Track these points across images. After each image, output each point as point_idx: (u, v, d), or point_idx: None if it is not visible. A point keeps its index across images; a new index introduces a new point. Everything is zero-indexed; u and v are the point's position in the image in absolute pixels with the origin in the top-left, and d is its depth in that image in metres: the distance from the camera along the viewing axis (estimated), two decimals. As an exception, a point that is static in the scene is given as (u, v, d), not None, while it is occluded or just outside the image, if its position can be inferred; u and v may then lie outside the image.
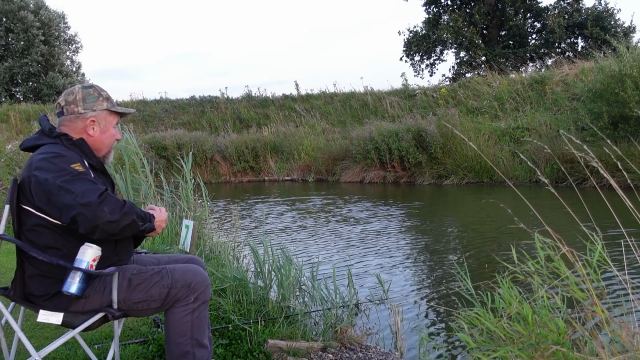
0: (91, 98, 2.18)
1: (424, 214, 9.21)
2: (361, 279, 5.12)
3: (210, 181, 16.37)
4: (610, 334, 1.61)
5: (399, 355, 3.26)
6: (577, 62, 16.66)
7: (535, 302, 1.92)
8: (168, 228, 5.28)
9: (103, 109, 2.18)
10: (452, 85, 18.42)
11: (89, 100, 2.17)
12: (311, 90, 21.09)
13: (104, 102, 2.19)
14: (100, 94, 2.19)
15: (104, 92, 2.21)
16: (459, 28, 22.20)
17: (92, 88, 2.21)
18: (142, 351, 2.82)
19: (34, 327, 3.24)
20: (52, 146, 2.06)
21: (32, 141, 2.13)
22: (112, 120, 2.22)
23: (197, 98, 22.11)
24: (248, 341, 2.96)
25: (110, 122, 2.21)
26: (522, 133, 13.32)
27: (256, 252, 3.83)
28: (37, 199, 1.97)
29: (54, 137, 2.10)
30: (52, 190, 1.90)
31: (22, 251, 2.05)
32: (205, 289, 2.18)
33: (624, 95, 10.52)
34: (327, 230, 7.71)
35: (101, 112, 2.18)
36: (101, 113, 2.18)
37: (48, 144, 2.08)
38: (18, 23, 27.44)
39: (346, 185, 14.09)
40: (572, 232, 2.01)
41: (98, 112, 2.17)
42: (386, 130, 13.92)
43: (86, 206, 1.85)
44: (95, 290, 2.06)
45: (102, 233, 1.89)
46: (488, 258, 5.54)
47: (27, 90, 28.86)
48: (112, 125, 2.22)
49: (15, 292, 2.06)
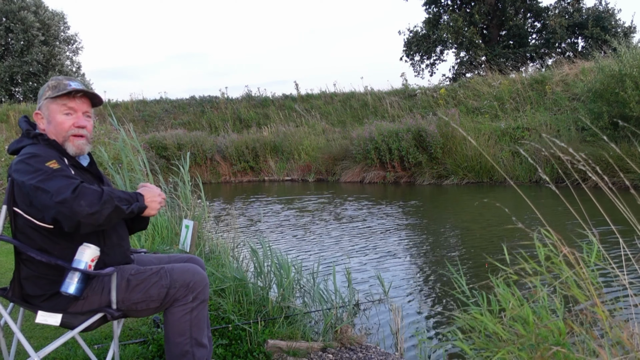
0: (41, 91, 2.14)
1: (424, 214, 9.21)
2: (361, 279, 5.11)
3: (210, 181, 16.36)
4: (611, 334, 1.61)
5: (398, 355, 3.26)
6: (578, 62, 16.66)
7: (535, 303, 1.92)
8: (168, 228, 5.28)
9: (45, 99, 2.10)
10: (452, 85, 18.42)
11: (40, 94, 2.14)
12: (311, 90, 21.13)
13: (47, 92, 2.10)
14: (48, 85, 2.12)
15: (53, 82, 2.11)
16: (459, 28, 22.20)
17: (50, 80, 2.14)
18: (141, 351, 2.82)
19: (33, 328, 3.23)
20: (30, 147, 2.04)
21: (15, 144, 2.11)
22: (57, 108, 2.08)
23: (197, 98, 22.11)
24: (248, 341, 2.96)
25: (55, 110, 2.08)
26: (522, 133, 13.32)
27: (256, 252, 3.83)
28: (19, 201, 1.97)
29: (32, 137, 2.08)
30: (30, 192, 1.88)
31: (18, 252, 2.04)
32: (204, 289, 2.18)
33: (624, 95, 10.52)
34: (327, 230, 7.71)
35: (44, 103, 2.10)
36: (44, 104, 2.10)
37: (28, 145, 2.06)
38: (18, 23, 27.43)
39: (346, 185, 14.08)
40: (573, 232, 2.01)
41: (41, 103, 2.11)
42: (386, 130, 13.92)
43: (62, 204, 1.79)
44: (94, 291, 2.05)
45: (86, 227, 1.84)
46: (488, 258, 5.54)
47: (27, 90, 28.86)
48: (60, 112, 2.08)
49: (14, 293, 2.06)
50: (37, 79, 28.34)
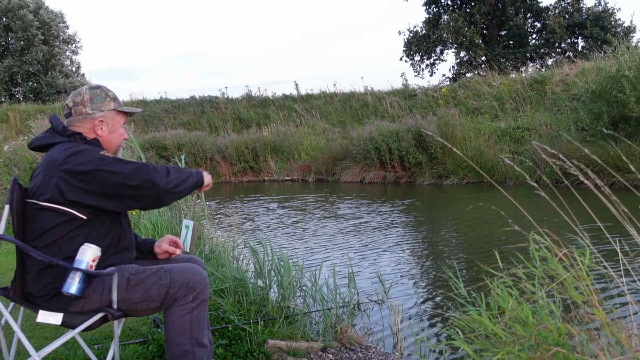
0: (98, 99, 2.21)
1: (424, 214, 9.22)
2: (361, 278, 5.12)
3: (210, 181, 16.36)
4: (610, 335, 1.62)
5: (399, 356, 3.26)
6: (578, 62, 16.66)
7: (534, 304, 1.92)
8: (168, 228, 5.28)
9: (110, 109, 2.22)
10: (452, 85, 18.42)
11: (96, 100, 2.20)
12: (311, 90, 21.08)
13: (111, 103, 2.22)
14: (107, 95, 2.23)
15: (110, 93, 2.25)
16: (459, 28, 22.20)
17: (99, 89, 2.23)
18: (142, 351, 2.82)
19: (33, 327, 3.24)
20: (69, 144, 2.07)
21: (44, 140, 2.13)
22: (119, 120, 2.25)
23: (197, 98, 22.10)
24: (248, 341, 2.96)
25: (117, 122, 2.24)
26: (522, 133, 13.32)
27: (256, 252, 3.83)
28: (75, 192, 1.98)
29: (68, 135, 2.12)
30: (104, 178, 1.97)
31: (22, 251, 2.05)
32: (204, 288, 2.18)
33: (622, 97, 10.52)
34: (327, 230, 7.71)
35: (109, 112, 2.21)
36: (109, 113, 2.21)
37: (63, 142, 2.08)
38: (17, 22, 27.41)
39: (346, 185, 14.09)
40: (573, 232, 2.01)
41: (106, 112, 2.20)
42: (386, 130, 13.92)
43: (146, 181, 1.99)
44: (95, 291, 2.06)
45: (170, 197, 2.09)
46: (488, 258, 5.54)
47: (27, 90, 28.84)
48: (120, 125, 2.26)
49: (15, 292, 2.07)
50: (37, 78, 28.33)
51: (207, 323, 2.27)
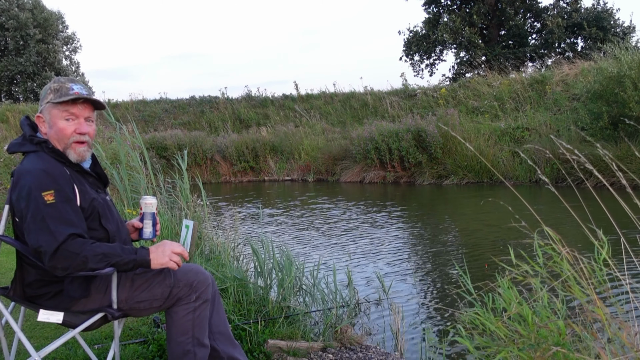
0: (43, 93, 2.08)
1: (424, 214, 9.22)
2: (361, 278, 5.11)
3: (210, 181, 16.37)
4: (611, 334, 1.61)
5: (399, 356, 3.26)
6: (577, 62, 16.66)
7: (536, 303, 1.92)
8: (168, 228, 5.27)
9: (46, 103, 2.04)
10: (452, 85, 18.42)
11: (42, 96, 2.08)
12: (311, 90, 21.08)
13: (49, 95, 2.03)
14: (50, 87, 2.05)
15: (55, 84, 2.05)
16: (457, 28, 22.20)
17: (52, 82, 2.08)
18: (142, 351, 2.82)
19: (33, 327, 3.24)
20: (34, 158, 2.00)
21: (16, 146, 2.08)
22: (58, 113, 2.02)
23: (197, 98, 22.10)
24: (248, 341, 2.96)
25: (56, 116, 2.02)
26: (522, 133, 13.32)
27: (256, 252, 3.83)
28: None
29: (35, 144, 2.03)
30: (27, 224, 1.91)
31: (20, 253, 2.05)
32: (207, 288, 2.18)
33: (624, 96, 10.52)
34: (327, 230, 7.71)
35: (45, 107, 2.04)
36: (45, 108, 2.04)
37: (31, 152, 2.03)
38: (12, 21, 27.32)
39: (346, 185, 14.09)
40: (574, 232, 2.02)
41: (43, 106, 2.05)
42: (386, 130, 13.92)
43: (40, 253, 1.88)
44: (98, 290, 2.06)
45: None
46: (488, 258, 5.54)
47: (27, 90, 28.82)
48: (62, 118, 2.02)
49: (15, 292, 2.06)
50: (35, 78, 28.29)
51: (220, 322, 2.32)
